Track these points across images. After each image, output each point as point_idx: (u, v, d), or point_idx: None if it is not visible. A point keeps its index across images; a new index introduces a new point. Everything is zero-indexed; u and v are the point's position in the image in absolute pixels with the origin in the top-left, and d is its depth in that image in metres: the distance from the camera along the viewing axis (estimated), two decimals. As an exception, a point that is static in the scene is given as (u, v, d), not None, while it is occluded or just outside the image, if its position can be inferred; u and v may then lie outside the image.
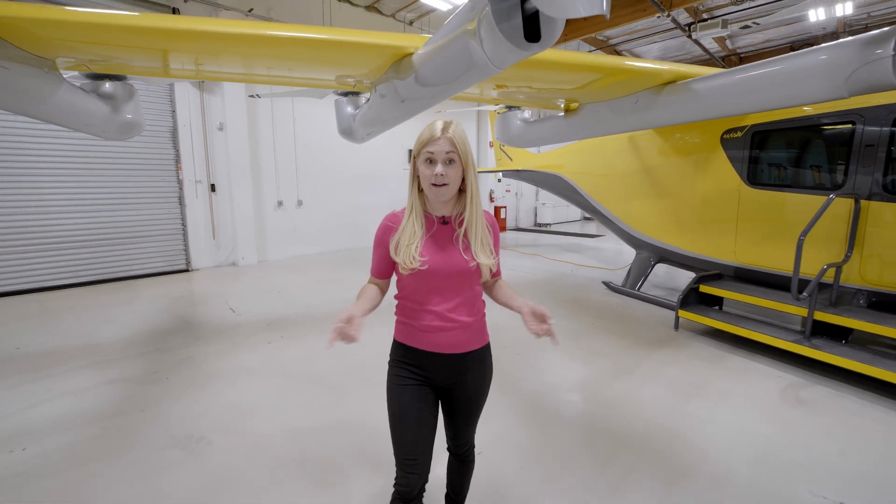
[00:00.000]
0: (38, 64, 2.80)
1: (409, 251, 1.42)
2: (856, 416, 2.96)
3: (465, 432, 1.65)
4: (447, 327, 1.48)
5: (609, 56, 4.34)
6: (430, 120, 1.47)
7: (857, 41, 2.55)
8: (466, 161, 1.41)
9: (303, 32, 2.69)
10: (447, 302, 1.47)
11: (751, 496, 2.19)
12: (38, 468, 2.41)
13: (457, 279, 1.47)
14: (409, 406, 1.49)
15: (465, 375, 1.54)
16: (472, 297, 1.52)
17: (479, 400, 1.60)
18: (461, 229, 1.47)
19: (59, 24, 2.50)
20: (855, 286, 3.81)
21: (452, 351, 1.49)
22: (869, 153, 3.62)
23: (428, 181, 1.40)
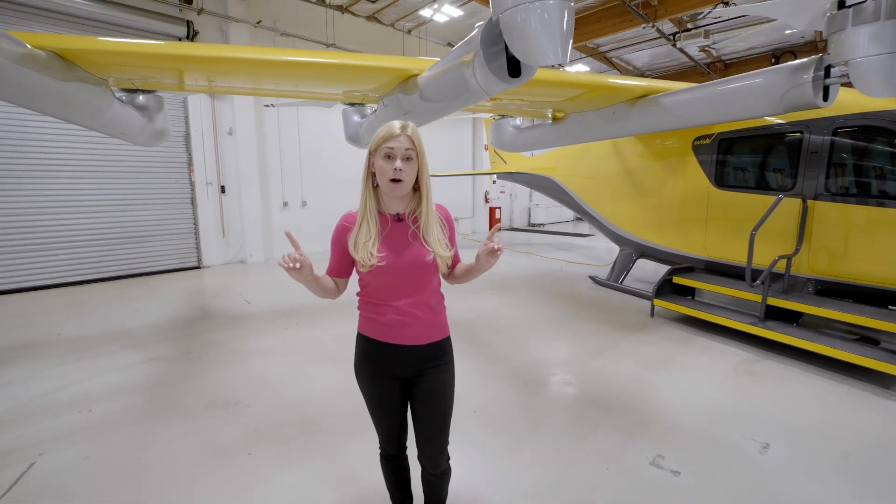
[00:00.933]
0: (97, 83, 3.27)
1: (367, 248, 1.47)
2: (794, 382, 3.47)
3: (435, 440, 1.65)
4: (407, 321, 1.53)
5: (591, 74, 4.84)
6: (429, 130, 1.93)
7: (786, 67, 3.07)
8: (422, 159, 1.48)
9: (331, 59, 3.20)
10: (406, 296, 1.53)
11: (693, 439, 2.69)
12: (108, 424, 2.88)
13: (414, 274, 1.52)
14: (379, 403, 1.63)
15: (427, 366, 1.60)
16: (430, 291, 1.58)
17: (443, 396, 1.63)
18: (415, 225, 1.53)
19: (116, 53, 3.00)
20: (805, 275, 4.33)
21: (413, 343, 1.56)
22: (814, 159, 4.15)
23: (386, 176, 1.44)
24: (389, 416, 1.65)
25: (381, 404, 1.63)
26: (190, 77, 3.62)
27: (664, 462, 2.48)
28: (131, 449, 2.62)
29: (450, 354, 1.66)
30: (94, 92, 3.25)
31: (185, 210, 8.14)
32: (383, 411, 1.64)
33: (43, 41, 2.60)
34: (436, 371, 1.60)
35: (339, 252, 1.57)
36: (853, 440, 2.70)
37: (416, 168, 1.47)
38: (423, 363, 1.59)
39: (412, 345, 1.56)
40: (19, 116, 6.35)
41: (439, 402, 1.62)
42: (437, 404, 1.62)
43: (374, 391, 1.62)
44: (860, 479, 2.34)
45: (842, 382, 3.47)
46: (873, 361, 3.34)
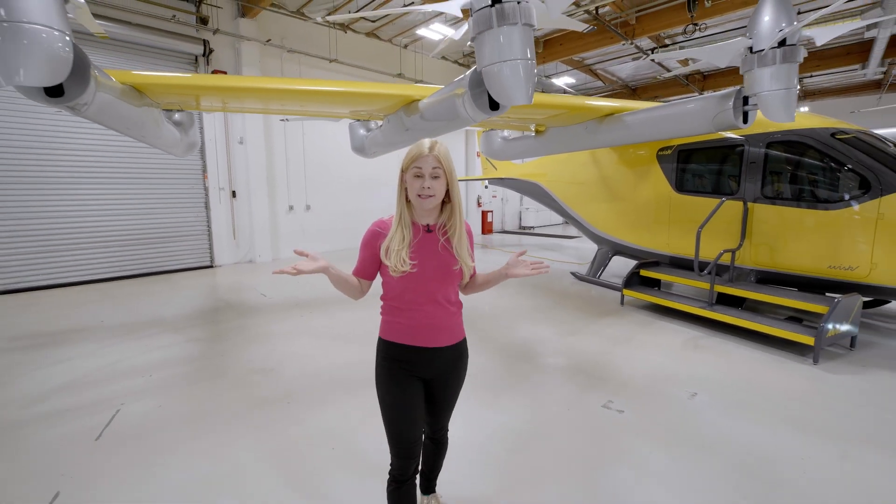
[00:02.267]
0: (155, 106, 3.95)
1: (400, 255, 1.56)
2: (730, 353, 4.21)
3: (442, 419, 1.84)
4: (432, 324, 1.64)
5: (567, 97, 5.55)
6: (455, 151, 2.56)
7: (715, 96, 3.81)
8: (450, 176, 1.58)
9: (350, 87, 3.93)
10: (430, 302, 1.63)
11: (638, 391, 3.40)
12: (168, 384, 3.55)
13: (440, 281, 1.63)
14: (401, 404, 1.65)
15: (446, 367, 1.71)
16: (452, 297, 1.70)
17: (456, 389, 1.79)
18: (444, 236, 1.64)
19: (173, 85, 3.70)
20: (748, 266, 5.08)
21: (434, 345, 1.65)
22: (752, 168, 4.91)
23: (416, 192, 1.55)
24: (409, 418, 1.68)
25: (403, 406, 1.67)
26: (226, 101, 4.32)
27: (613, 405, 3.19)
28: (192, 401, 3.29)
29: (466, 353, 1.79)
30: (153, 114, 3.93)
31: (199, 213, 8.79)
32: (405, 413, 1.67)
33: (124, 77, 3.28)
34: (455, 371, 1.74)
35: (368, 255, 1.67)
36: (766, 390, 3.43)
37: (445, 183, 1.58)
38: (445, 364, 1.70)
39: (435, 347, 1.65)
40: (53, 129, 7.01)
41: (453, 397, 1.79)
42: (451, 400, 1.79)
43: (396, 393, 1.66)
44: (761, 416, 3.06)
45: (768, 352, 4.21)
46: (793, 334, 4.08)
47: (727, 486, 2.33)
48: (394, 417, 1.67)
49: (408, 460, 1.67)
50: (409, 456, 1.67)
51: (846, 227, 4.24)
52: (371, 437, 2.75)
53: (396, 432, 1.66)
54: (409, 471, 1.69)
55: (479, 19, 2.51)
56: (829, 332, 3.89)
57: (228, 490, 2.31)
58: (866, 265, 4.13)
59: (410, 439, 1.67)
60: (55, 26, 1.96)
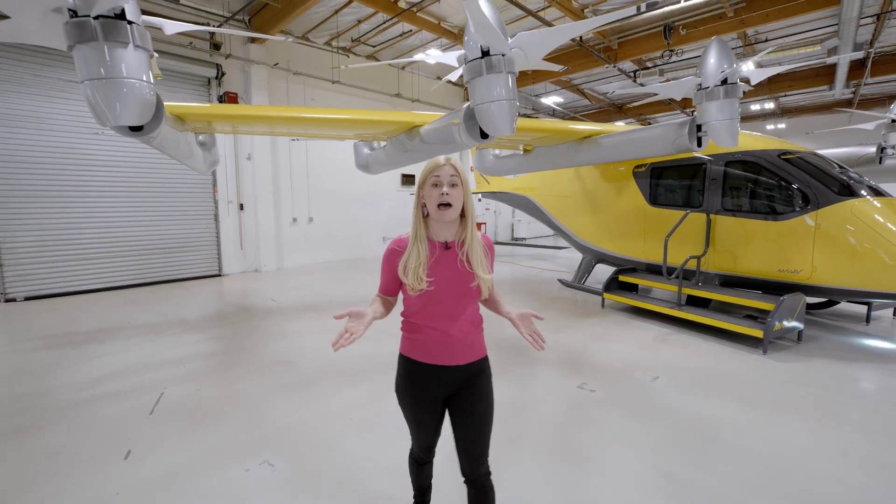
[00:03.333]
0: (188, 130, 4.52)
1: (416, 273, 1.56)
2: (693, 346, 4.79)
3: (475, 449, 1.69)
4: (450, 342, 1.63)
5: (551, 121, 6.19)
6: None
7: (675, 123, 4.44)
8: (466, 187, 1.60)
9: (361, 115, 4.52)
10: (450, 319, 1.62)
11: (609, 375, 3.97)
12: (203, 373, 4.07)
13: (460, 298, 1.63)
14: (421, 417, 1.73)
15: (465, 385, 1.68)
16: (472, 314, 1.69)
17: (484, 411, 1.70)
18: (463, 252, 1.63)
19: (208, 114, 4.28)
20: (713, 271, 5.69)
21: (454, 363, 1.65)
22: (713, 184, 5.55)
23: (435, 202, 1.57)
24: (428, 432, 1.75)
25: (422, 422, 1.72)
26: (253, 126, 4.91)
27: (587, 386, 3.75)
28: (225, 386, 3.80)
29: (488, 372, 1.76)
30: (189, 137, 4.50)
31: (209, 225, 9.32)
32: (425, 428, 1.74)
33: (170, 109, 3.85)
34: (476, 389, 1.69)
35: (389, 273, 1.69)
36: (718, 375, 4.00)
37: (462, 193, 1.59)
38: (465, 382, 1.68)
39: (454, 364, 1.65)
40: (75, 147, 7.55)
41: (480, 419, 1.69)
42: (478, 421, 1.69)
43: (416, 411, 1.71)
44: (710, 394, 3.63)
45: (726, 345, 4.79)
46: (745, 328, 4.68)
47: (672, 442, 2.89)
48: (412, 428, 1.78)
49: (429, 449, 1.85)
50: (429, 446, 1.84)
51: (791, 236, 4.87)
52: (383, 412, 3.29)
53: (415, 438, 1.82)
54: (427, 457, 1.88)
55: (472, 68, 3.11)
56: (775, 327, 4.48)
57: (269, 448, 2.83)
58: (808, 269, 4.74)
59: (428, 444, 1.82)
60: (144, 79, 2.52)
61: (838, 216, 4.57)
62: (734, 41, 10.94)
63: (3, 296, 7.10)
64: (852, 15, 8.03)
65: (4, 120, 7.00)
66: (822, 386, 3.79)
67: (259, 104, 9.49)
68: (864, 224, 4.45)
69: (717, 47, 4.03)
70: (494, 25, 2.80)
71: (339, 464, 2.68)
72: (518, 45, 3.10)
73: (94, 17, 2.32)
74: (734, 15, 9.27)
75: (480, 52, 3.06)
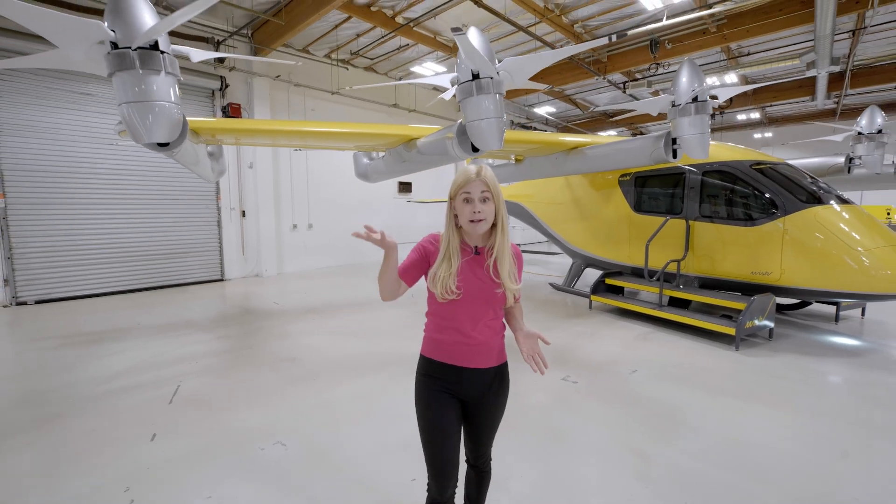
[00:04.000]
0: (200, 142, 4.85)
1: (446, 283, 1.58)
2: (672, 343, 5.13)
3: (483, 444, 1.79)
4: (472, 344, 1.64)
5: (540, 133, 6.57)
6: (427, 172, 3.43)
7: (652, 136, 4.81)
8: (498, 199, 1.60)
9: (362, 129, 4.86)
10: (474, 322, 1.64)
11: (592, 369, 4.29)
12: (214, 369, 4.37)
13: (485, 303, 1.64)
14: (438, 422, 1.65)
15: (487, 389, 1.70)
16: (495, 319, 1.70)
17: (497, 413, 1.76)
18: (491, 259, 1.63)
19: (220, 128, 4.61)
20: (692, 274, 6.05)
21: (475, 366, 1.66)
22: (692, 193, 5.92)
23: (467, 218, 1.58)
24: (445, 438, 1.67)
25: (439, 425, 1.67)
26: (259, 139, 5.24)
27: (570, 378, 4.08)
28: (237, 379, 4.10)
29: (508, 377, 1.79)
30: (202, 149, 4.83)
31: (212, 231, 9.62)
32: (441, 433, 1.67)
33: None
34: (496, 393, 1.73)
35: (416, 261, 1.71)
36: (692, 368, 4.34)
37: (494, 206, 1.61)
38: (485, 386, 1.70)
39: (476, 367, 1.67)
40: (84, 156, 7.86)
41: (494, 421, 1.76)
42: (492, 423, 1.76)
43: (434, 411, 1.68)
44: (683, 384, 3.97)
45: (702, 342, 5.14)
46: (718, 326, 5.03)
47: (644, 425, 3.22)
48: (430, 435, 1.68)
49: (444, 481, 1.68)
50: (445, 476, 1.67)
51: (762, 241, 5.23)
52: (381, 401, 3.60)
53: (432, 452, 1.67)
54: (445, 493, 1.70)
55: (463, 89, 3.46)
56: (746, 325, 4.83)
57: (281, 431, 3.13)
58: (778, 271, 5.10)
59: (445, 459, 1.67)
60: (173, 101, 2.85)
61: (803, 222, 4.94)
62: (718, 54, 11.40)
63: (15, 299, 7.36)
64: (826, 32, 8.47)
65: (19, 131, 7.31)
66: (787, 378, 4.13)
67: (261, 114, 9.84)
68: (826, 229, 4.82)
69: (688, 68, 4.41)
70: (482, 53, 3.16)
71: (344, 444, 2.99)
72: (504, 69, 3.46)
73: (132, 49, 2.66)
74: (717, 30, 9.71)
75: (471, 76, 3.41)
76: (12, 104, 7.25)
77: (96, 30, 2.59)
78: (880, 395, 3.77)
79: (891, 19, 9.21)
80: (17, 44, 7.02)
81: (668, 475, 2.64)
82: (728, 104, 15.70)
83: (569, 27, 9.54)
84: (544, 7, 8.77)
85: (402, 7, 8.71)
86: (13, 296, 7.36)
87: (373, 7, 8.70)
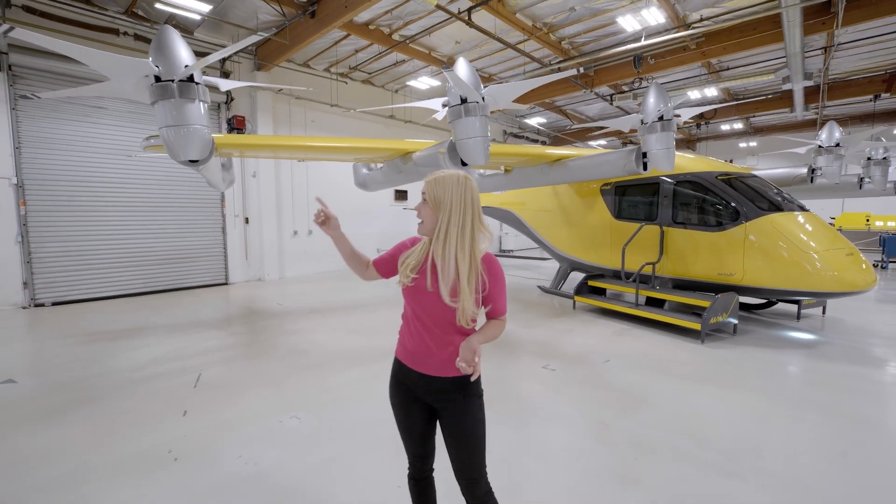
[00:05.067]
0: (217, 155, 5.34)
1: (405, 269, 1.66)
2: (645, 338, 5.63)
3: (466, 469, 1.68)
4: (429, 352, 1.65)
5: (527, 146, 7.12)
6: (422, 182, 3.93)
7: (625, 151, 5.35)
8: (436, 203, 1.59)
9: (365, 143, 5.37)
10: (432, 329, 1.64)
11: (569, 360, 4.79)
12: (231, 359, 4.83)
13: (437, 311, 1.62)
14: (403, 422, 1.78)
15: (448, 399, 1.67)
16: (456, 332, 1.64)
17: (465, 427, 1.66)
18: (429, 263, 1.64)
19: (238, 145, 5.12)
20: (666, 276, 6.57)
21: (425, 371, 1.67)
22: (665, 201, 6.46)
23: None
24: (414, 438, 1.77)
25: (407, 426, 1.76)
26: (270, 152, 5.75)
27: (549, 367, 4.57)
28: (253, 368, 4.57)
29: (475, 389, 1.71)
30: (218, 161, 5.32)
31: (217, 237, 10.09)
32: (409, 433, 1.77)
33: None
34: (460, 405, 1.67)
35: (392, 255, 1.82)
36: (660, 359, 4.84)
37: (434, 213, 1.60)
38: (445, 394, 1.67)
39: (431, 375, 1.66)
40: (96, 166, 8.33)
41: (467, 436, 1.67)
42: (464, 438, 1.67)
43: (400, 412, 1.76)
44: (651, 372, 4.46)
45: (672, 337, 5.66)
46: (686, 322, 5.55)
47: (610, 402, 3.72)
48: (400, 431, 1.80)
49: (418, 464, 1.84)
50: (417, 462, 1.83)
51: (727, 245, 5.76)
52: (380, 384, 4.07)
53: (404, 445, 1.82)
54: (422, 471, 1.84)
55: (453, 112, 3.99)
56: (711, 320, 5.35)
57: (295, 407, 3.60)
58: (740, 272, 5.63)
59: (416, 454, 1.81)
60: (205, 125, 3.35)
61: (762, 228, 5.48)
62: (700, 69, 12.01)
63: (33, 301, 7.79)
64: (796, 50, 9.09)
65: (38, 142, 7.78)
66: (742, 366, 4.64)
67: (264, 126, 10.36)
68: (781, 234, 5.36)
69: (654, 91, 4.96)
70: (468, 83, 3.69)
71: (349, 417, 3.46)
72: (489, 94, 3.99)
73: (173, 81, 3.16)
74: (696, 48, 10.32)
75: (460, 100, 3.94)
76: (32, 118, 7.73)
77: (144, 66, 3.10)
78: (818, 380, 4.28)
79: (859, 37, 9.84)
80: (37, 62, 7.55)
81: (624, 439, 3.13)
82: (713, 114, 16.37)
83: (556, 44, 10.13)
84: (532, 26, 9.35)
85: (399, 25, 9.27)
86: (31, 297, 7.79)
87: (371, 26, 9.26)
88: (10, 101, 7.53)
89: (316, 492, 2.57)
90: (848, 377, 4.31)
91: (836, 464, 2.85)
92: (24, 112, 7.65)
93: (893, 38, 9.83)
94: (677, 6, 8.55)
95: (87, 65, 2.94)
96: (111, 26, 8.31)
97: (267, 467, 2.79)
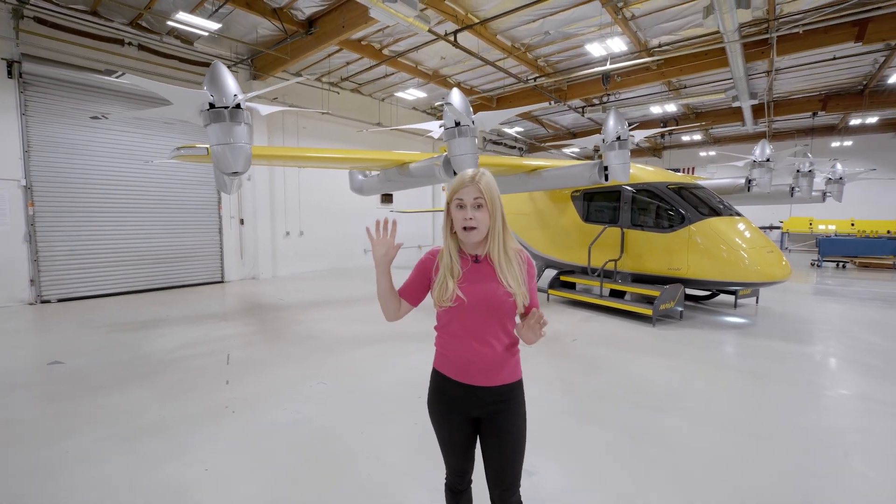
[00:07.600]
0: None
1: (445, 287, 1.58)
2: (607, 322, 6.60)
3: (504, 478, 1.66)
4: (471, 360, 1.60)
5: (508, 157, 8.03)
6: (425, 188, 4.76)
7: (589, 164, 6.30)
8: (493, 205, 1.56)
9: (365, 155, 6.15)
10: (479, 336, 1.59)
11: (542, 340, 5.68)
12: (252, 344, 5.53)
13: (490, 312, 1.58)
14: (447, 438, 1.71)
15: (492, 408, 1.63)
16: (504, 333, 1.62)
17: (511, 436, 1.64)
18: (493, 264, 1.60)
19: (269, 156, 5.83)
20: (627, 271, 7.57)
21: (483, 384, 1.61)
22: (625, 206, 7.47)
23: (459, 224, 1.57)
24: (458, 453, 1.71)
25: (450, 441, 1.70)
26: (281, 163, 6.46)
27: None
28: (273, 351, 5.28)
29: (521, 397, 1.68)
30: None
31: (214, 237, 10.63)
32: (453, 448, 1.71)
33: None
34: (506, 413, 1.64)
35: (417, 278, 1.70)
36: (618, 338, 5.79)
37: (488, 216, 1.56)
38: (493, 404, 1.63)
39: (482, 385, 1.61)
40: (100, 169, 8.82)
41: (510, 444, 1.64)
42: (507, 447, 1.64)
43: (444, 428, 1.70)
44: (610, 347, 5.40)
45: (630, 322, 6.65)
46: (640, 308, 6.54)
47: (573, 368, 4.63)
48: (442, 446, 1.75)
49: (458, 478, 1.78)
50: (458, 476, 1.78)
51: (674, 244, 6.80)
52: (392, 359, 4.87)
53: (445, 459, 1.77)
54: (462, 484, 1.79)
55: (448, 133, 4.83)
56: (661, 307, 6.35)
57: (319, 377, 4.36)
58: (685, 267, 6.67)
59: (458, 469, 1.76)
60: (248, 142, 4.08)
61: (702, 229, 6.53)
62: (662, 86, 13.21)
63: (40, 297, 8.21)
64: (740, 74, 10.31)
65: (47, 146, 8.23)
66: (683, 342, 5.64)
67: (258, 132, 10.89)
68: (718, 235, 6.42)
69: (613, 116, 5.93)
70: (462, 111, 4.54)
71: (367, 383, 4.26)
72: (478, 119, 4.86)
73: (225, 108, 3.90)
74: (657, 68, 11.47)
75: (454, 123, 4.79)
76: (41, 123, 8.18)
77: (203, 96, 3.82)
78: (739, 351, 5.33)
79: (795, 64, 11.20)
80: (48, 70, 8.03)
81: (584, 392, 4.04)
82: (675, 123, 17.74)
83: (533, 62, 11.10)
84: (511, 45, 10.29)
85: (389, 42, 10.06)
86: (38, 294, 8.21)
87: (363, 41, 10.02)
88: (21, 107, 7.97)
89: (349, 431, 3.36)
90: (762, 348, 5.37)
91: (741, 403, 3.83)
92: (33, 118, 8.09)
93: (824, 65, 11.22)
94: (639, 33, 9.64)
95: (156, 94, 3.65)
96: (116, 37, 8.82)
97: (309, 415, 3.56)
